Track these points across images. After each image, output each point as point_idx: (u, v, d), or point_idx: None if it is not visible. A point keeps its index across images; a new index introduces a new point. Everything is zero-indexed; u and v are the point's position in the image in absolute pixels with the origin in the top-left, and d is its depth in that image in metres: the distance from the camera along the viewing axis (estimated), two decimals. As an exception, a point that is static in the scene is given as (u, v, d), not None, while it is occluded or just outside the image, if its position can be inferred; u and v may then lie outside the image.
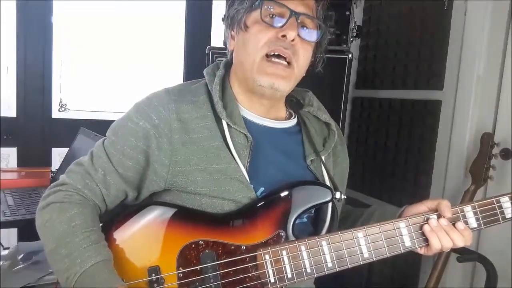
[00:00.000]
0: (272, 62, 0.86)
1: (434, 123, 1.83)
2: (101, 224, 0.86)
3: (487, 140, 1.54)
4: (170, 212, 0.84)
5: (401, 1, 2.03)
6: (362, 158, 2.28)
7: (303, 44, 0.88)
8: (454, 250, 1.54)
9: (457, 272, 1.72)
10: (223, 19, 1.82)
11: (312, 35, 0.89)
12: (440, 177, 1.79)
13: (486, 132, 1.58)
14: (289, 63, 0.87)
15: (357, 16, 1.87)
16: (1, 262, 1.33)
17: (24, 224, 1.42)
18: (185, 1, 2.51)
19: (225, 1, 1.79)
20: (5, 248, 1.56)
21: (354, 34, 1.78)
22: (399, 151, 2.03)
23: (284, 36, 0.85)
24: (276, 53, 0.86)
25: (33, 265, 1.34)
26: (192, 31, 2.52)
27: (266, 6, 0.86)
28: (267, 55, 0.86)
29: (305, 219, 0.95)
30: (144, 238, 0.83)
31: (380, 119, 2.17)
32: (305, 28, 0.88)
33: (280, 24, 0.86)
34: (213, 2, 2.53)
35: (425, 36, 1.88)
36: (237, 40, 0.93)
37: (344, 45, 1.77)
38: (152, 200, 0.91)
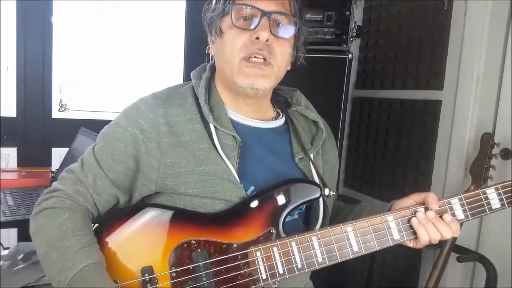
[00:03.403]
0: (251, 62, 0.87)
1: (434, 123, 1.82)
2: (94, 227, 0.86)
3: (487, 140, 1.54)
4: (162, 213, 0.85)
5: (401, 1, 2.03)
6: (362, 158, 2.28)
7: (279, 42, 0.88)
8: (454, 250, 1.55)
9: (457, 272, 1.72)
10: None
11: (287, 31, 0.89)
12: (440, 177, 1.79)
13: (486, 132, 1.57)
14: (267, 62, 0.87)
15: (357, 16, 1.87)
16: (1, 262, 1.33)
17: (24, 224, 1.42)
18: (185, 1, 2.51)
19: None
20: (5, 248, 1.56)
21: (354, 34, 1.78)
22: (399, 151, 2.02)
23: (257, 38, 0.85)
24: (253, 56, 0.86)
25: (33, 265, 1.34)
26: (192, 31, 2.51)
27: (236, 10, 0.86)
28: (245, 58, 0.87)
29: (296, 216, 0.95)
30: (137, 239, 0.83)
31: (380, 119, 2.17)
32: (280, 25, 0.88)
33: (252, 27, 0.86)
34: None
35: (425, 36, 1.88)
36: (215, 45, 0.94)
37: (344, 45, 1.78)
38: (144, 202, 0.91)
